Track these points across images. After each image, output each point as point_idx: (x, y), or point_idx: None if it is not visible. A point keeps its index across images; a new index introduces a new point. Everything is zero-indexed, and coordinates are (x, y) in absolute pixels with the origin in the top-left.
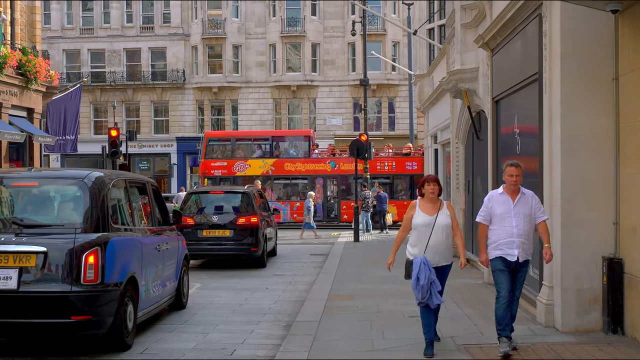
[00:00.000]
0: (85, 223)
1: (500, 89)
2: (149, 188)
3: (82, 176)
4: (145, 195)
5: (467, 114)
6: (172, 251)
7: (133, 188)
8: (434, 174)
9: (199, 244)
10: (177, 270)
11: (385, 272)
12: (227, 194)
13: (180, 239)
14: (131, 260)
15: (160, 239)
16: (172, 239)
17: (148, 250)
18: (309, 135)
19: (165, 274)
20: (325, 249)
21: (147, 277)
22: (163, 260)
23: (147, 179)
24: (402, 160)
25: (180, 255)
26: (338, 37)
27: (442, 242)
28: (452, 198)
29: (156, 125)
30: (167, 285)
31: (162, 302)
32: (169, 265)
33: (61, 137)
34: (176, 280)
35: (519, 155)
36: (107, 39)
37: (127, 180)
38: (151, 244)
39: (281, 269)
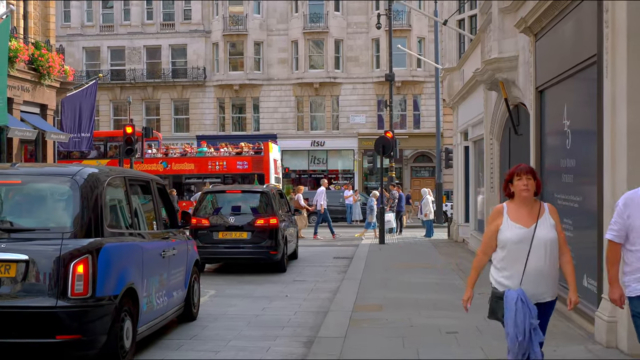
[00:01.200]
0: (75, 227)
1: (545, 78)
2: (153, 187)
3: (72, 173)
4: (149, 195)
5: (504, 108)
6: (180, 257)
7: (134, 187)
8: (526, 164)
9: (214, 247)
10: (186, 278)
11: (415, 278)
12: (244, 193)
13: (190, 243)
14: (129, 269)
15: (166, 244)
16: (181, 244)
17: (150, 257)
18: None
19: (171, 283)
20: (349, 252)
21: (149, 287)
22: (169, 268)
23: (151, 177)
24: (233, 160)
25: (189, 262)
26: (362, 33)
27: (546, 266)
28: (486, 199)
29: (176, 123)
30: (174, 296)
31: (168, 314)
32: (176, 272)
33: (76, 135)
34: (185, 289)
35: (569, 151)
36: (127, 36)
37: (127, 177)
38: (154, 249)
39: (302, 274)
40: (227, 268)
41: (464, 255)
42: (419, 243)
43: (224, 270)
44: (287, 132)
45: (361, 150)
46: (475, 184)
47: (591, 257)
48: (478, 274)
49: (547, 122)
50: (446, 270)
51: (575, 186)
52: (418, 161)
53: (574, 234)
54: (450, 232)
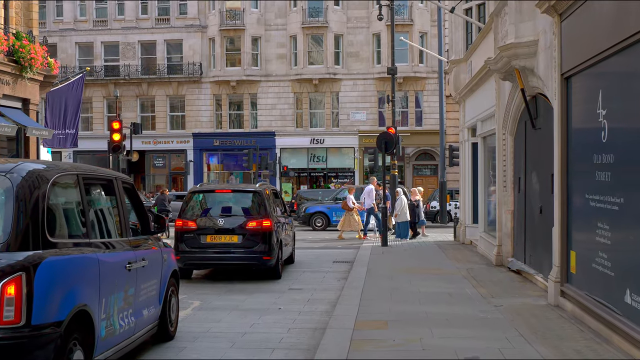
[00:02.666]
0: (7, 237)
1: (573, 62)
2: (118, 186)
3: (6, 170)
4: (112, 196)
5: (519, 99)
6: (152, 268)
7: (93, 186)
8: None
9: (202, 252)
10: (161, 293)
11: (423, 286)
12: (235, 193)
13: (166, 252)
14: (80, 287)
15: (133, 255)
16: (153, 253)
17: (111, 270)
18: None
19: (140, 300)
20: (350, 255)
21: (109, 307)
22: (137, 282)
23: (115, 175)
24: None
25: (165, 273)
26: (362, 28)
27: None
28: (498, 198)
29: (172, 121)
30: (145, 314)
31: (136, 336)
32: (147, 287)
33: (61, 131)
34: (159, 305)
35: (605, 145)
36: (122, 31)
37: (80, 176)
38: (117, 262)
39: (298, 282)
40: (216, 275)
41: (474, 259)
42: (424, 245)
43: (212, 277)
44: (285, 130)
45: (362, 148)
46: (484, 183)
47: (636, 269)
48: None
49: (575, 112)
50: (457, 278)
51: (614, 185)
52: (420, 159)
53: (612, 241)
54: (456, 234)
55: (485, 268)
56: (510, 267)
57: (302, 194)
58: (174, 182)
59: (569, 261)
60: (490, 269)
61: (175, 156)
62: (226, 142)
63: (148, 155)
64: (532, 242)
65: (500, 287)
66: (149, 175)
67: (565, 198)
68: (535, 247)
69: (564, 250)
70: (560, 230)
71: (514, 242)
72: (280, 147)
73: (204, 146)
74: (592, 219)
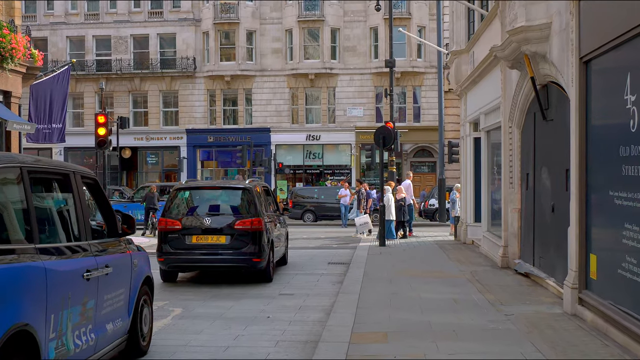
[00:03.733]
0: None
1: (594, 44)
2: (75, 182)
3: None
4: (68, 194)
5: (527, 89)
6: (118, 276)
7: (43, 182)
8: None
9: (188, 253)
10: (130, 303)
11: (425, 291)
12: (224, 190)
13: (137, 256)
14: (20, 303)
15: (94, 261)
16: (120, 258)
17: (63, 281)
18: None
19: (103, 313)
20: (346, 256)
21: (61, 325)
22: (98, 293)
23: (74, 168)
24: None
25: (135, 280)
26: (359, 22)
27: None
28: (504, 196)
29: (165, 116)
30: (109, 329)
31: (97, 356)
32: (112, 298)
33: (46, 126)
34: (128, 317)
35: (635, 135)
36: (114, 24)
37: (25, 169)
38: (71, 270)
39: (290, 286)
40: (202, 278)
41: (477, 260)
42: (423, 245)
43: (199, 280)
44: (281, 126)
45: (359, 144)
46: (487, 180)
47: None
48: None
49: (595, 100)
50: (461, 281)
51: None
52: (418, 156)
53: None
54: (457, 233)
55: (491, 270)
56: (517, 269)
57: (297, 191)
58: (167, 179)
59: (589, 266)
60: (495, 272)
61: (169, 153)
62: (220, 139)
63: (141, 152)
64: (542, 243)
65: (509, 292)
66: (142, 172)
67: (583, 195)
68: (546, 248)
69: (583, 253)
70: (578, 231)
71: (521, 243)
72: (275, 143)
73: (197, 142)
74: (617, 218)
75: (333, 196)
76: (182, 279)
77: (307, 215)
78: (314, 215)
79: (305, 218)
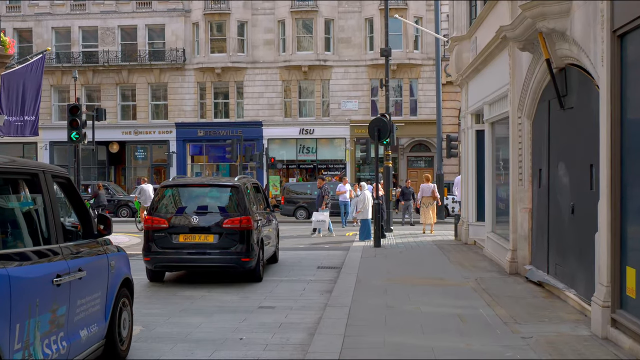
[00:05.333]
0: None
1: (633, 12)
2: (46, 182)
3: None
4: (37, 194)
5: (541, 74)
6: (93, 279)
7: (9, 183)
8: None
9: (175, 253)
10: (107, 307)
11: (425, 304)
12: (212, 188)
13: (114, 257)
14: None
15: (66, 265)
16: (96, 260)
17: (29, 288)
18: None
19: (77, 319)
20: (338, 259)
21: (28, 334)
22: (70, 299)
23: (44, 167)
24: None
25: (113, 283)
26: (354, 13)
27: None
28: (512, 194)
29: (154, 110)
30: (83, 336)
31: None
32: (86, 302)
33: (18, 118)
34: (105, 321)
35: None
36: (100, 15)
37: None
38: (39, 276)
39: (272, 296)
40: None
41: (482, 265)
42: (421, 246)
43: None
44: (273, 120)
45: (353, 138)
46: (492, 176)
47: None
48: None
49: (632, 81)
50: (465, 291)
51: None
52: (415, 151)
53: None
54: (457, 232)
55: (498, 277)
56: (529, 277)
57: (290, 187)
58: (156, 174)
59: (624, 281)
60: (504, 279)
61: (158, 147)
62: (211, 133)
63: (129, 147)
64: (559, 248)
65: (522, 306)
66: (130, 168)
67: (617, 196)
68: (563, 255)
69: (616, 265)
70: (610, 238)
71: (532, 247)
72: (267, 137)
73: (187, 137)
74: None
75: None
76: (167, 278)
77: (300, 212)
78: (306, 212)
79: (298, 215)
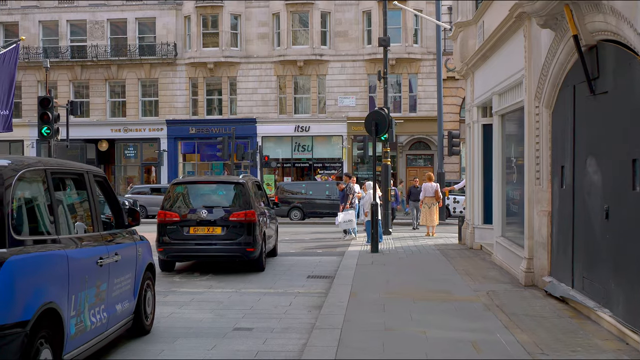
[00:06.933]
0: None
1: None
2: (89, 180)
3: None
4: (83, 191)
5: (565, 55)
6: (125, 263)
7: (62, 181)
8: None
9: (185, 244)
10: (136, 286)
11: (431, 327)
12: (219, 184)
13: (141, 245)
14: (48, 285)
15: (106, 249)
16: (127, 247)
17: (82, 266)
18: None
19: (114, 295)
20: (331, 266)
21: (80, 304)
22: (109, 277)
23: (87, 168)
24: None
25: (140, 267)
26: (351, 5)
27: None
28: (528, 195)
29: (144, 106)
30: (118, 309)
31: (109, 332)
32: (120, 282)
33: None
34: (134, 299)
35: None
36: (89, 8)
37: (48, 171)
38: (88, 257)
39: (252, 313)
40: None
41: (492, 274)
42: (423, 251)
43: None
44: (267, 116)
45: (351, 136)
46: (501, 174)
47: None
48: None
49: None
50: (477, 308)
51: None
52: (414, 148)
53: None
54: (461, 236)
55: (513, 290)
56: (549, 291)
57: (284, 186)
58: (147, 173)
59: None
60: (520, 293)
61: (148, 145)
62: (203, 130)
63: (118, 145)
64: (587, 259)
65: (548, 330)
66: (120, 166)
67: None
68: (593, 267)
69: None
70: None
71: (552, 255)
72: (262, 135)
73: (178, 134)
74: None
75: (322, 191)
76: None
77: (294, 213)
78: (301, 213)
79: (292, 215)
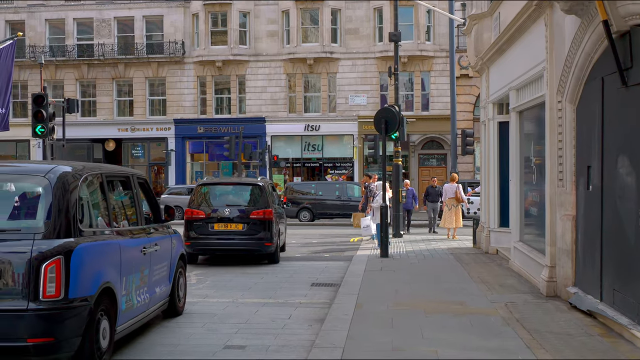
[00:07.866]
0: (47, 228)
1: None
2: (133, 182)
3: (44, 171)
4: (129, 191)
5: (591, 44)
6: (163, 252)
7: (113, 183)
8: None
9: (209, 238)
10: (171, 273)
11: (444, 346)
12: (239, 185)
13: (175, 237)
14: (106, 268)
15: (147, 240)
16: (164, 239)
17: (130, 254)
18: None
19: (153, 279)
20: (338, 272)
21: (129, 285)
22: (150, 264)
23: (132, 172)
24: None
25: (174, 256)
26: (362, 2)
27: None
28: (550, 197)
29: (152, 105)
30: (157, 292)
31: (150, 311)
32: (158, 268)
33: None
34: (169, 284)
35: None
36: (96, 6)
37: (104, 174)
38: (134, 246)
39: (247, 327)
40: None
41: (510, 282)
42: (436, 255)
43: None
44: (277, 115)
45: (362, 135)
46: (519, 174)
47: None
48: None
49: None
50: (494, 323)
51: None
52: (427, 148)
53: None
54: (476, 239)
55: (534, 302)
56: (574, 303)
57: (294, 186)
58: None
59: None
60: (542, 305)
61: (156, 145)
62: (211, 129)
63: (125, 144)
64: (619, 269)
65: (577, 351)
66: (127, 166)
67: None
68: (626, 278)
69: None
70: None
71: (577, 264)
72: (271, 134)
73: (186, 134)
74: None
75: (332, 192)
76: None
77: (304, 214)
78: (310, 214)
79: (301, 217)
